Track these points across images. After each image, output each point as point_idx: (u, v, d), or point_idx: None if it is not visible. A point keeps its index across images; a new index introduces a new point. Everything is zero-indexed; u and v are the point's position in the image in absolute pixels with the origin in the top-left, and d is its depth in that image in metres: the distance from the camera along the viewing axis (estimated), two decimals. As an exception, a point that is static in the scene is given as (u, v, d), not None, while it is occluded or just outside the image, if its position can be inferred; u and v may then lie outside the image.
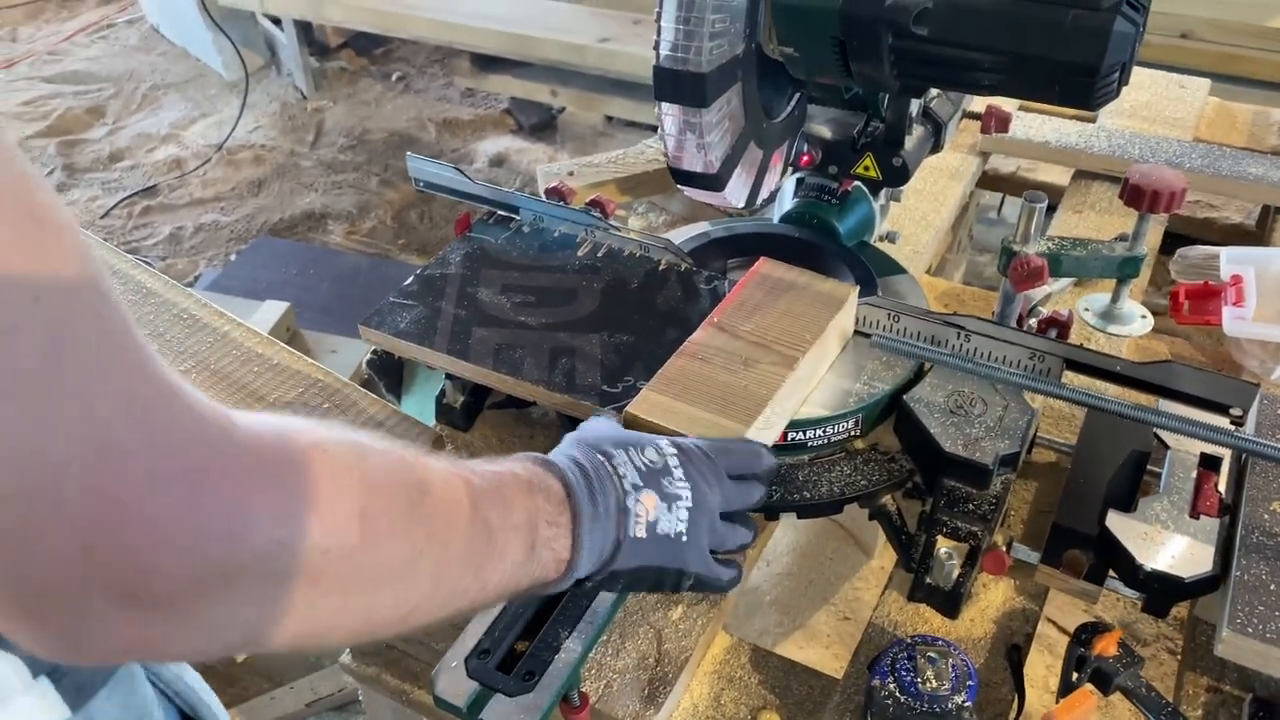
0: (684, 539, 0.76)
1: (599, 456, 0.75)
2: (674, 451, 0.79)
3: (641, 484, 0.75)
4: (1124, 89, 0.96)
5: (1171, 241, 1.55)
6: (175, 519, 0.46)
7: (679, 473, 0.77)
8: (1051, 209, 1.54)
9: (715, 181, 1.10)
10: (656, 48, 1.02)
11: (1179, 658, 0.97)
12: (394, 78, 4.37)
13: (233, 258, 3.33)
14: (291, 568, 0.51)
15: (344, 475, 0.55)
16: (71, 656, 0.52)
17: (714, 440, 0.84)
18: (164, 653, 0.53)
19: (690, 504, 0.77)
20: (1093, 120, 1.78)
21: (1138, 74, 1.85)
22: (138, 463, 0.45)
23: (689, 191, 1.15)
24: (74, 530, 0.44)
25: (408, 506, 0.59)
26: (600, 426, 0.83)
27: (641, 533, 0.74)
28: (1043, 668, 0.95)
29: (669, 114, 1.06)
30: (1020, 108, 1.77)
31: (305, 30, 4.19)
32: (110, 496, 0.44)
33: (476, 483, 0.66)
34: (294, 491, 0.51)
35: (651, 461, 0.77)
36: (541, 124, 3.97)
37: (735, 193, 1.14)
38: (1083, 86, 0.93)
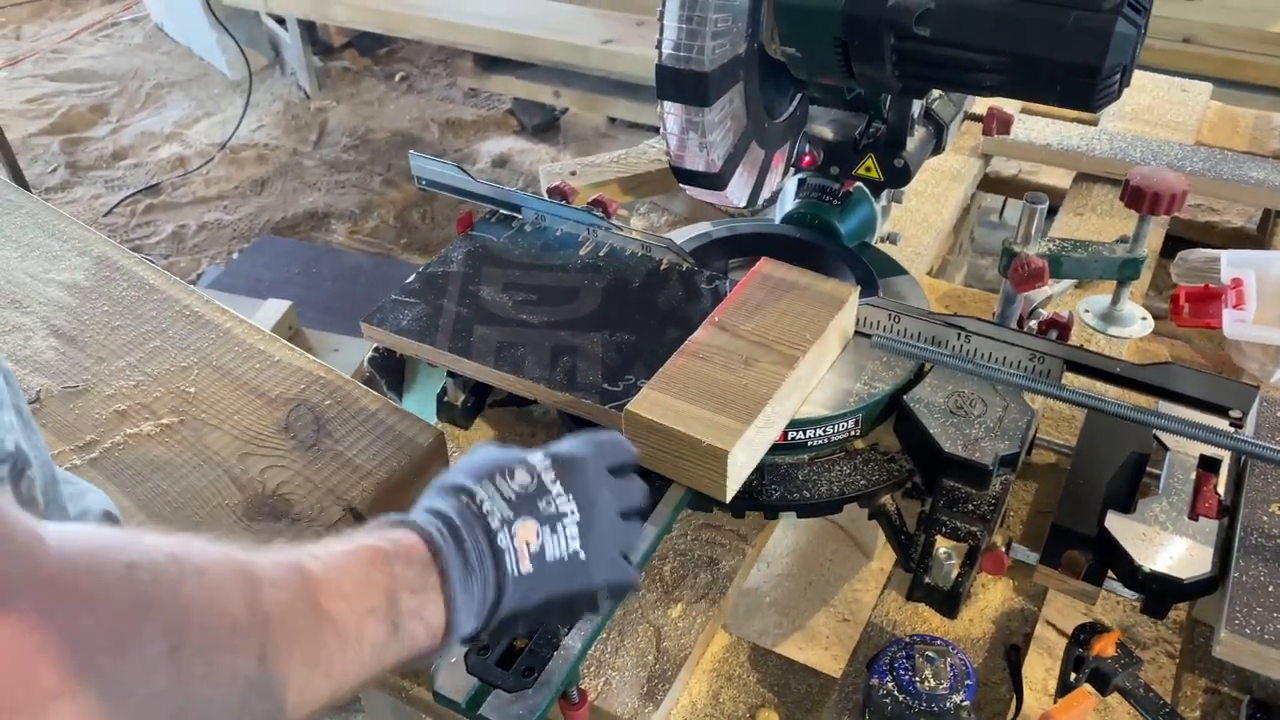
0: (582, 556, 0.70)
1: (461, 499, 0.68)
2: (547, 465, 0.72)
3: (513, 515, 0.68)
4: (1126, 92, 0.97)
5: (1172, 245, 1.56)
6: None
7: (556, 488, 0.71)
8: (1053, 211, 1.54)
9: (717, 180, 1.11)
10: (659, 46, 1.02)
11: (1177, 661, 0.97)
12: (397, 78, 4.37)
13: (235, 256, 3.33)
14: (88, 717, 0.46)
15: (156, 606, 0.49)
16: None
17: (582, 437, 0.77)
18: None
19: (579, 517, 0.70)
20: (1094, 123, 1.78)
21: (1139, 77, 1.86)
22: None
23: (691, 190, 1.15)
24: None
25: (232, 630, 0.53)
26: (469, 458, 0.75)
27: (527, 566, 0.67)
28: (1042, 670, 0.95)
29: (671, 113, 1.07)
30: (1022, 110, 1.77)
31: (309, 30, 4.20)
32: None
33: (319, 573, 0.60)
34: (94, 631, 0.46)
35: (523, 485, 0.70)
36: (544, 125, 3.97)
37: (737, 192, 1.15)
38: (1084, 88, 0.94)
